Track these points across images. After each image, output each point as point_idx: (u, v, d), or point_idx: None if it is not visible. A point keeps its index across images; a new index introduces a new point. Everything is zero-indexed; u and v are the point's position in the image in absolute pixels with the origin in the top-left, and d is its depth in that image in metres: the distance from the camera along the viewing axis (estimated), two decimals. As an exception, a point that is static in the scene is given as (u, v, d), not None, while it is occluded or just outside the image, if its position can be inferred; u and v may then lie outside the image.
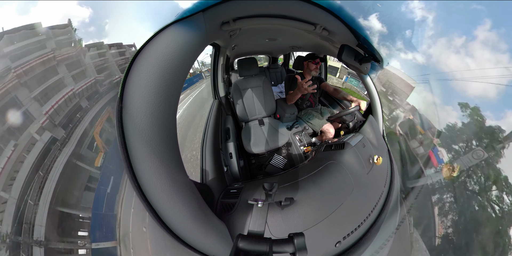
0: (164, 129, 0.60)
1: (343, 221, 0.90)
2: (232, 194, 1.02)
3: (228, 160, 1.64)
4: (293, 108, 2.46)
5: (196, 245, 0.64)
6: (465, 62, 1.74)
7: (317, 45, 2.39)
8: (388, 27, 1.09)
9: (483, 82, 1.65)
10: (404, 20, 1.36)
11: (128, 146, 0.54)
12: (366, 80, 1.64)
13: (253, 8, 1.01)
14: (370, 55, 1.18)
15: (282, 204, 0.81)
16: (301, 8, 1.01)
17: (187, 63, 0.69)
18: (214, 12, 0.83)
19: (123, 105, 0.54)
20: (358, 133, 1.46)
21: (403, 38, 1.39)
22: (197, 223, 0.65)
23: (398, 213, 1.18)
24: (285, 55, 4.47)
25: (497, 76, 1.59)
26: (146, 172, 0.55)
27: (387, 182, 1.21)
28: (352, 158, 1.16)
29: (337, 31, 1.20)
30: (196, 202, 0.68)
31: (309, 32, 1.37)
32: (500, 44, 1.57)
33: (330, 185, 0.99)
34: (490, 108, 1.59)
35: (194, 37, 0.72)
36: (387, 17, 1.08)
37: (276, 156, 2.34)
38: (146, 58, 0.58)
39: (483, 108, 1.58)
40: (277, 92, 3.56)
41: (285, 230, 0.79)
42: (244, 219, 0.79)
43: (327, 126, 2.18)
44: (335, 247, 0.84)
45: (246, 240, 0.54)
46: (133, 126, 0.54)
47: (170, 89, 0.61)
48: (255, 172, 2.29)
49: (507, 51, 1.50)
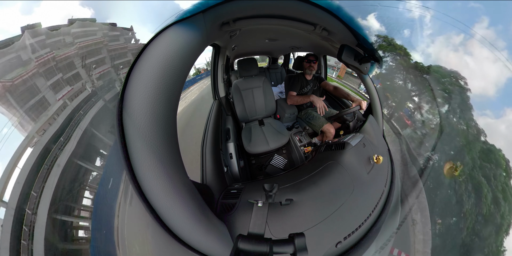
0: (164, 129, 0.60)
1: (343, 221, 0.89)
2: (232, 194, 1.02)
3: (228, 160, 1.64)
4: (293, 108, 2.45)
5: (196, 245, 0.64)
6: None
7: (317, 45, 2.39)
8: (387, 27, 1.10)
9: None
10: (403, 20, 1.37)
11: (128, 146, 0.54)
12: (366, 80, 1.64)
13: (253, 9, 1.02)
14: (369, 55, 1.18)
15: (282, 204, 0.81)
16: (301, 9, 1.01)
17: (187, 64, 0.69)
18: (214, 13, 0.83)
19: (123, 105, 0.55)
20: (358, 133, 1.46)
21: (402, 37, 1.39)
22: (197, 224, 0.65)
23: (399, 212, 1.18)
24: (285, 56, 4.47)
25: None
26: (146, 172, 0.55)
27: (387, 181, 1.21)
28: (353, 158, 1.16)
29: (337, 31, 1.20)
30: (196, 203, 0.68)
31: (309, 33, 1.37)
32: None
33: (330, 186, 0.99)
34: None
35: (194, 38, 0.72)
36: (386, 17, 1.08)
37: (276, 156, 2.34)
38: (146, 58, 0.59)
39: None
40: (277, 93, 3.56)
41: (286, 230, 0.79)
42: (244, 220, 0.79)
43: (327, 126, 2.18)
44: (336, 248, 0.84)
45: (246, 241, 0.54)
46: (133, 126, 0.54)
47: (171, 90, 0.61)
48: (255, 172, 2.29)
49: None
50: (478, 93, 1.64)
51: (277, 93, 3.57)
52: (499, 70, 1.49)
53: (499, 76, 1.57)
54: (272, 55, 4.31)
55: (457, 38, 1.60)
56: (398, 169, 1.38)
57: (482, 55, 1.56)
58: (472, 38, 1.50)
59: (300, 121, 2.52)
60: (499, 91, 1.58)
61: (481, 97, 1.65)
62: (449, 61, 1.74)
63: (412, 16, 1.39)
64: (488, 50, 1.45)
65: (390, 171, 1.30)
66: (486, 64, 1.58)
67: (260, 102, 2.40)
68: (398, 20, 1.29)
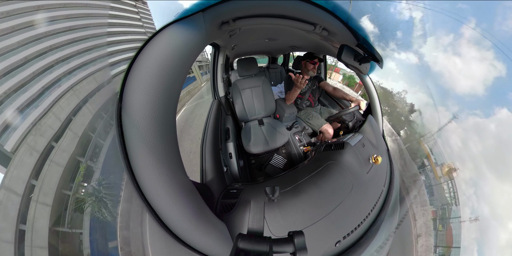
0: (164, 129, 0.59)
1: (343, 221, 0.90)
2: (232, 194, 1.02)
3: (228, 160, 1.64)
4: (292, 108, 2.46)
5: (196, 245, 0.64)
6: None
7: (316, 45, 2.39)
8: (386, 28, 1.10)
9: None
10: (397, 21, 1.37)
11: (128, 146, 0.54)
12: (365, 80, 1.64)
13: (252, 8, 1.01)
14: (369, 55, 1.18)
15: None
16: (300, 8, 1.01)
17: (186, 63, 0.69)
18: (213, 12, 0.82)
19: (122, 105, 0.54)
20: (357, 133, 1.46)
21: (398, 38, 1.39)
22: (197, 223, 0.65)
23: (398, 212, 1.19)
24: (284, 55, 4.47)
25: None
26: (145, 172, 0.55)
27: (386, 181, 1.22)
28: (352, 158, 1.16)
29: (337, 31, 1.20)
30: (195, 202, 0.68)
31: (308, 32, 1.37)
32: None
33: (331, 186, 0.99)
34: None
35: (194, 37, 0.72)
36: (385, 17, 1.08)
37: (276, 156, 2.34)
38: (146, 58, 0.58)
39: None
40: (276, 92, 3.56)
41: (285, 227, 0.79)
42: (244, 219, 0.79)
43: (326, 126, 2.19)
44: (335, 247, 0.84)
45: (246, 240, 0.54)
46: (132, 126, 0.54)
47: (170, 89, 0.61)
48: (255, 172, 2.29)
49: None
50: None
51: (277, 92, 3.57)
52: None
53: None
54: (272, 54, 4.30)
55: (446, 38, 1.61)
56: (397, 169, 1.39)
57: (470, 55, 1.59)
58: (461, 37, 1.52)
59: (300, 121, 2.52)
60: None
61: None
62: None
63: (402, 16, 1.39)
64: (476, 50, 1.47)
65: (389, 171, 1.30)
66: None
67: (259, 101, 2.40)
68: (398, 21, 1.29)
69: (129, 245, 0.76)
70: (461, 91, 1.75)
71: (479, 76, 1.59)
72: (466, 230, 2.37)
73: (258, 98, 2.39)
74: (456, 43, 1.57)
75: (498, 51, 1.44)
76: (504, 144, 3.06)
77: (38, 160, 0.84)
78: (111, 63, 1.06)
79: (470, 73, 1.62)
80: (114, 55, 1.09)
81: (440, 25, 1.49)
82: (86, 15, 1.12)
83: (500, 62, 1.72)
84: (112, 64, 1.05)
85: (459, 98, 1.87)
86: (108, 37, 1.16)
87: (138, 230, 0.71)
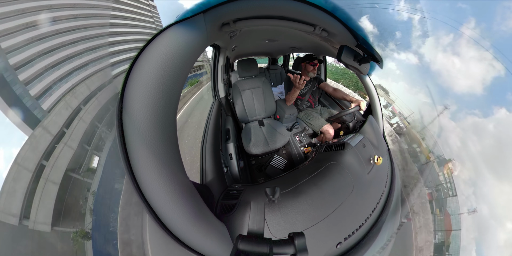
0: (164, 130, 0.59)
1: (343, 222, 0.89)
2: (232, 195, 1.02)
3: (228, 161, 1.64)
4: (292, 109, 2.46)
5: (196, 246, 0.64)
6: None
7: (316, 46, 2.39)
8: (385, 28, 1.10)
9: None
10: (396, 21, 1.37)
11: (128, 146, 0.54)
12: (365, 80, 1.64)
13: (253, 10, 1.02)
14: (369, 55, 1.18)
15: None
16: (300, 9, 1.01)
17: (187, 64, 0.69)
18: (214, 13, 0.83)
19: (123, 105, 0.54)
20: (358, 133, 1.46)
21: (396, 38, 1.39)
22: (197, 224, 0.64)
23: (400, 213, 1.18)
24: (284, 56, 4.48)
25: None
26: (145, 172, 0.55)
27: (387, 182, 1.21)
28: (353, 158, 1.16)
29: (336, 32, 1.20)
30: (196, 203, 0.68)
31: (308, 33, 1.37)
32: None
33: (331, 187, 0.98)
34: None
35: (195, 38, 0.72)
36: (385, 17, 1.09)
37: (276, 157, 2.34)
38: (147, 59, 0.59)
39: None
40: (277, 93, 3.57)
41: (285, 228, 0.79)
42: (244, 220, 0.79)
43: (327, 126, 2.19)
44: (336, 248, 0.83)
45: (246, 242, 0.54)
46: (133, 126, 0.54)
47: (171, 90, 0.61)
48: (255, 173, 2.28)
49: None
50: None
51: (277, 93, 3.57)
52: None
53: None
54: (272, 55, 4.31)
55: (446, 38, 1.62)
56: (398, 169, 1.39)
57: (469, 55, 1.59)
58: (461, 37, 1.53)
59: (300, 122, 2.52)
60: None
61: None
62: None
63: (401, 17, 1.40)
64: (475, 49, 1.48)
65: (390, 171, 1.30)
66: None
67: (260, 102, 2.40)
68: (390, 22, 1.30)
69: (129, 245, 0.76)
70: (459, 90, 1.76)
71: (478, 76, 1.60)
72: (465, 230, 2.36)
73: (259, 99, 2.40)
74: (455, 43, 1.58)
75: (497, 51, 1.45)
76: (503, 144, 3.05)
77: (71, 113, 1.01)
78: (112, 63, 1.08)
79: (469, 72, 1.63)
80: (115, 55, 1.11)
81: (440, 26, 1.50)
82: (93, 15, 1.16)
83: (499, 62, 1.72)
84: (113, 64, 1.07)
85: (458, 97, 1.86)
86: (110, 37, 1.17)
87: (139, 230, 0.72)
